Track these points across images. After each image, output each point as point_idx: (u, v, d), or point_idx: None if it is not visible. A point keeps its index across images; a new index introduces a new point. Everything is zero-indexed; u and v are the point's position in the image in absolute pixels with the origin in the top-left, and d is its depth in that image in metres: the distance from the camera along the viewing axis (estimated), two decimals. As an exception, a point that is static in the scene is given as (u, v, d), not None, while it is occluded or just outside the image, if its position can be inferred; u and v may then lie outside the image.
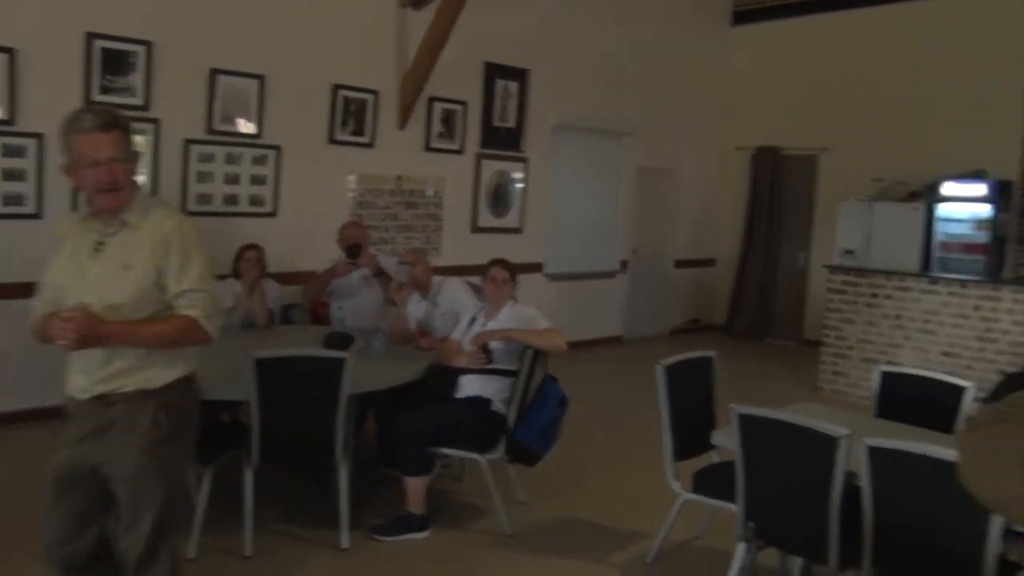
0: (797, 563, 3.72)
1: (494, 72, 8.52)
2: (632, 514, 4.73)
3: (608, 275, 9.99)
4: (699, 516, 4.36)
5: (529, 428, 4.24)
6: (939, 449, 2.70)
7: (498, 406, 4.33)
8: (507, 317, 4.47)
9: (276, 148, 6.95)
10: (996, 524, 2.59)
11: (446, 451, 4.32)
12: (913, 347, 7.49)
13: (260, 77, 6.76)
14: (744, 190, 11.09)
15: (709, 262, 11.44)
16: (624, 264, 10.17)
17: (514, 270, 4.61)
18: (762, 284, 10.87)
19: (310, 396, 3.89)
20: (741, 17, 11.22)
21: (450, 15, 7.16)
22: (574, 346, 8.90)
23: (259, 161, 6.90)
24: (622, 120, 9.71)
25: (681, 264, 10.99)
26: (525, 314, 4.45)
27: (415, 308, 5.10)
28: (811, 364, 8.40)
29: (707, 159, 11.14)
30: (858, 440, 2.86)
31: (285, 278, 6.10)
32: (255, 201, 6.92)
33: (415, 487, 4.22)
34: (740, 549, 3.43)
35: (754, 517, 3.26)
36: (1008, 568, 2.66)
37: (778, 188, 10.80)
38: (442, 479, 4.94)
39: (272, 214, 7.02)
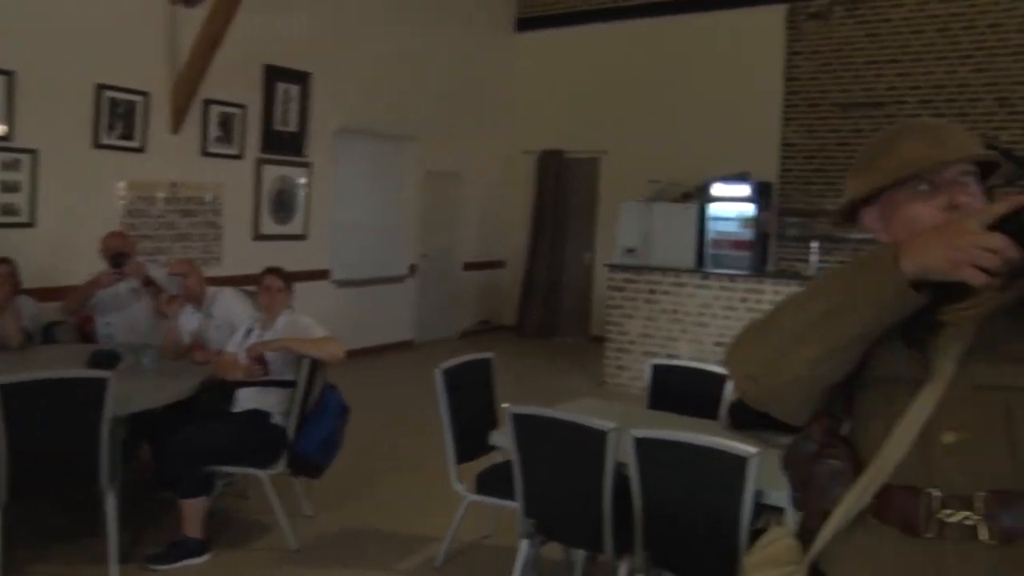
0: (580, 554, 3.83)
1: (274, 75, 8.28)
2: (421, 519, 4.71)
3: (397, 280, 9.95)
4: (488, 516, 4.41)
5: (310, 439, 4.14)
6: (697, 436, 2.86)
7: (277, 419, 4.19)
8: (283, 327, 4.34)
9: (32, 152, 6.42)
10: (748, 501, 2.77)
11: (225, 469, 4.15)
12: (689, 339, 7.93)
13: (9, 73, 6.21)
14: (530, 192, 11.37)
15: (498, 264, 11.65)
16: (413, 268, 10.17)
17: (289, 278, 4.48)
18: (550, 284, 11.19)
19: (68, 422, 3.60)
20: (524, 24, 11.51)
21: (225, 14, 6.87)
22: (365, 352, 8.95)
23: (11, 166, 6.35)
24: (407, 124, 9.69)
25: (470, 267, 11.12)
26: (301, 323, 4.34)
27: (188, 320, 4.85)
28: (597, 360, 8.70)
29: (493, 163, 11.33)
30: (627, 432, 2.98)
31: (46, 294, 5.64)
32: (7, 210, 6.35)
33: (191, 509, 4.00)
34: (523, 545, 3.50)
35: (534, 513, 3.33)
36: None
37: (563, 190, 11.15)
38: (226, 497, 4.75)
39: (29, 224, 6.47)
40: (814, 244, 9.06)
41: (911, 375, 1.34)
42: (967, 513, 1.27)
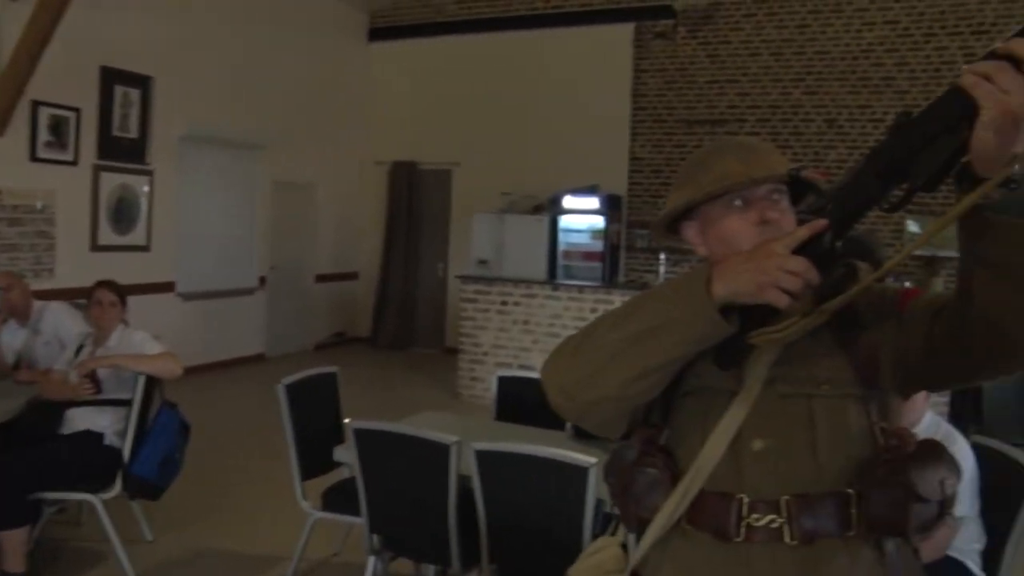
0: (430, 569, 3.81)
1: (112, 77, 7.90)
2: (269, 539, 4.58)
3: (246, 292, 9.65)
4: (338, 533, 4.34)
5: (147, 460, 3.94)
6: (538, 448, 2.88)
7: (111, 439, 3.98)
8: (116, 343, 4.13)
9: None
10: (590, 510, 2.82)
11: (53, 495, 3.90)
12: (541, 350, 8.01)
13: None
14: (383, 203, 11.29)
15: (351, 275, 11.49)
16: (263, 280, 9.89)
17: (122, 291, 4.27)
18: (404, 295, 11.13)
19: None
20: (376, 34, 11.44)
21: (54, 9, 6.48)
22: (213, 367, 8.67)
23: None
24: (256, 133, 9.43)
25: (323, 278, 10.91)
26: (135, 338, 4.14)
27: (12, 337, 4.55)
28: (452, 371, 8.68)
29: (346, 173, 11.18)
30: (469, 445, 2.97)
31: None
32: None
33: (12, 541, 3.72)
34: (370, 562, 3.45)
35: (379, 529, 3.28)
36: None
37: (416, 201, 11.12)
38: (56, 525, 4.48)
39: None
40: (662, 256, 9.40)
41: (725, 387, 1.40)
42: (773, 516, 1.33)
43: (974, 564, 2.85)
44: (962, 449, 2.76)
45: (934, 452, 1.36)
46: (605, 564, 1.51)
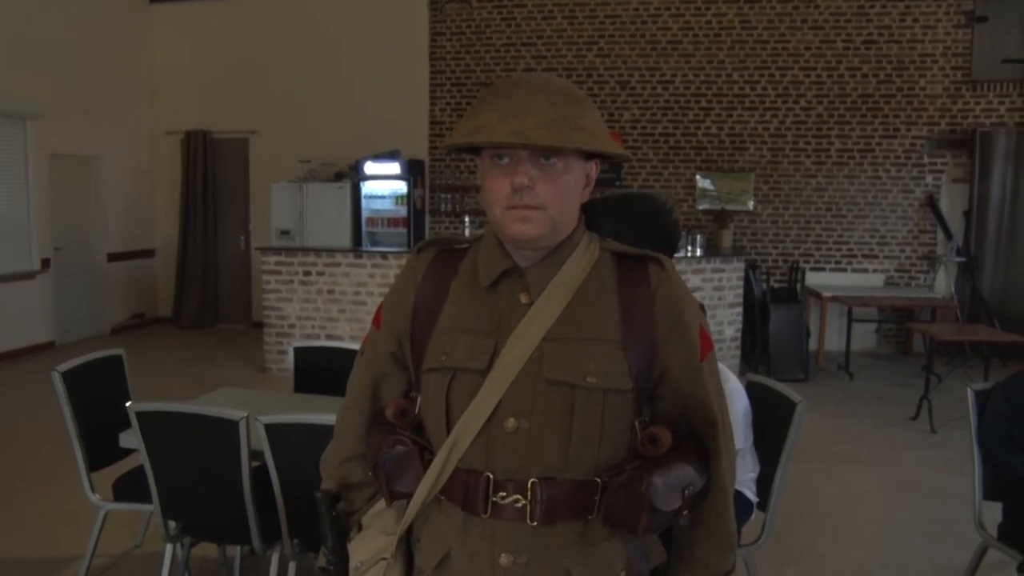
0: (236, 549, 3.70)
1: None
2: (60, 538, 4.31)
3: (27, 276, 8.88)
4: (140, 524, 4.15)
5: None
6: (324, 416, 2.77)
7: None
8: None
9: None
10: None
11: None
12: (349, 319, 7.93)
13: None
14: (177, 176, 10.75)
15: (148, 253, 10.89)
16: (46, 263, 9.17)
17: None
18: (205, 271, 10.69)
19: None
20: (158, -5, 10.80)
21: None
22: (-9, 360, 8.00)
23: None
24: (25, 101, 8.65)
25: (115, 257, 10.26)
26: None
27: None
28: (260, 346, 8.46)
29: (134, 145, 10.55)
30: (257, 420, 2.88)
31: None
32: None
33: None
34: (167, 550, 3.31)
35: (173, 514, 3.15)
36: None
37: (212, 172, 10.67)
38: None
39: None
40: (467, 219, 9.49)
41: (474, 367, 1.36)
42: (517, 496, 1.34)
43: (750, 492, 3.07)
44: (734, 388, 2.94)
45: (686, 453, 1.37)
46: (386, 526, 1.50)
